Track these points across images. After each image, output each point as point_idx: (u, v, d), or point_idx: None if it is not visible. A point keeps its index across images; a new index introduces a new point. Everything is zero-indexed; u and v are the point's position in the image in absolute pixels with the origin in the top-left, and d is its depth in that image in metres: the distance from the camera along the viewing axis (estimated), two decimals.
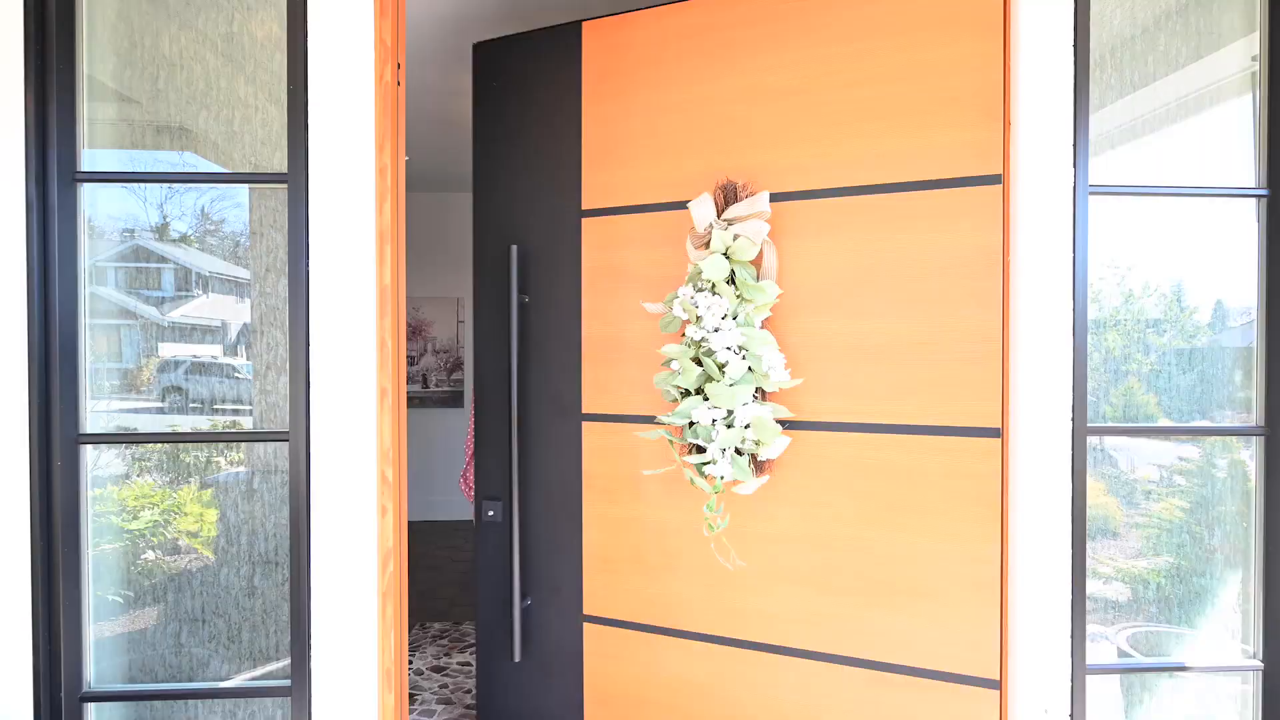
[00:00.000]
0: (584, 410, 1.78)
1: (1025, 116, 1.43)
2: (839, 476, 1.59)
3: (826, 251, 1.61)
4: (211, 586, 1.53)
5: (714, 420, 1.64)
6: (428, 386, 5.39)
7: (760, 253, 1.64)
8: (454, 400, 5.38)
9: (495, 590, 1.88)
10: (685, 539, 1.73)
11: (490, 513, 1.81)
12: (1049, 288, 1.44)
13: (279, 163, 1.48)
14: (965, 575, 1.44)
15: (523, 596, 1.82)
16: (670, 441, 1.65)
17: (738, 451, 1.68)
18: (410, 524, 5.24)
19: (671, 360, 1.65)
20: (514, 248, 1.79)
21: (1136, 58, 1.56)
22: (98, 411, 1.50)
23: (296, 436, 1.45)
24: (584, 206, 1.77)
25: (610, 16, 1.73)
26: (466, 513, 5.37)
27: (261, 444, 1.55)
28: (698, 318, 1.62)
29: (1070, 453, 1.44)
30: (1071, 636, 1.45)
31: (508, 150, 1.88)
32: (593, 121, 1.76)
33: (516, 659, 1.79)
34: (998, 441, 1.41)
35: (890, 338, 1.51)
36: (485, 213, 1.92)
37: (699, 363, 1.63)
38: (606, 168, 1.75)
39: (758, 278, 1.66)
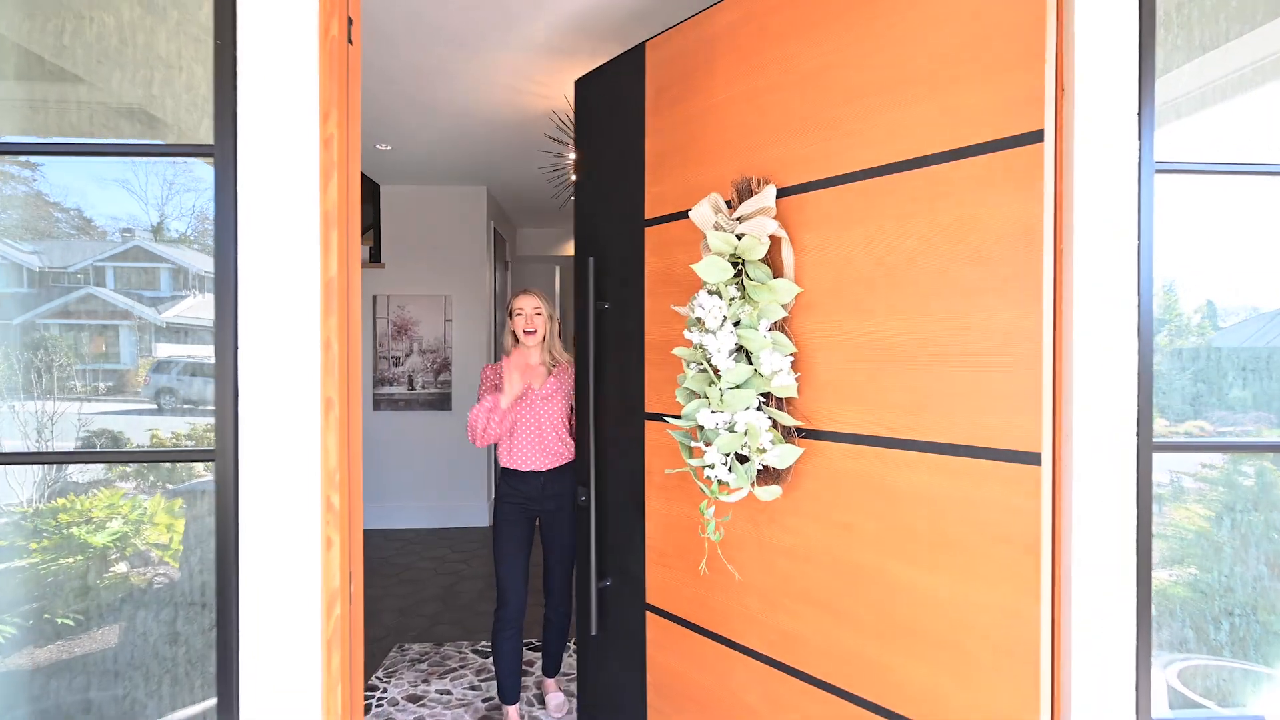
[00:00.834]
0: (646, 409, 1.83)
1: (1081, 71, 1.21)
2: (859, 495, 1.38)
3: (843, 243, 1.40)
4: (127, 631, 1.31)
5: (717, 424, 1.49)
6: (414, 388, 5.16)
7: (776, 250, 1.49)
8: (441, 402, 5.16)
9: (586, 566, 2.01)
10: (733, 539, 1.64)
11: (582, 498, 2.00)
12: (1108, 280, 1.23)
13: (205, 132, 1.25)
14: (994, 631, 1.17)
15: (601, 576, 1.95)
16: (682, 444, 1.58)
17: (740, 458, 1.52)
18: (392, 532, 5.06)
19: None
20: (590, 260, 1.94)
21: (1206, 15, 1.34)
22: None
23: (224, 456, 1.22)
24: (646, 216, 1.83)
25: (667, 30, 1.76)
26: (454, 520, 5.15)
27: (185, 464, 1.33)
28: (698, 320, 1.47)
29: (1135, 474, 1.23)
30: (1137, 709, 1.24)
31: (594, 173, 2.02)
32: (652, 134, 1.80)
33: (593, 632, 1.92)
34: (1035, 471, 1.12)
35: (911, 338, 1.28)
36: (580, 232, 2.09)
37: (703, 366, 1.44)
38: (660, 177, 1.79)
39: (774, 276, 1.48)
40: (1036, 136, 1.12)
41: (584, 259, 1.98)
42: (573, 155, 3.25)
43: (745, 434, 1.50)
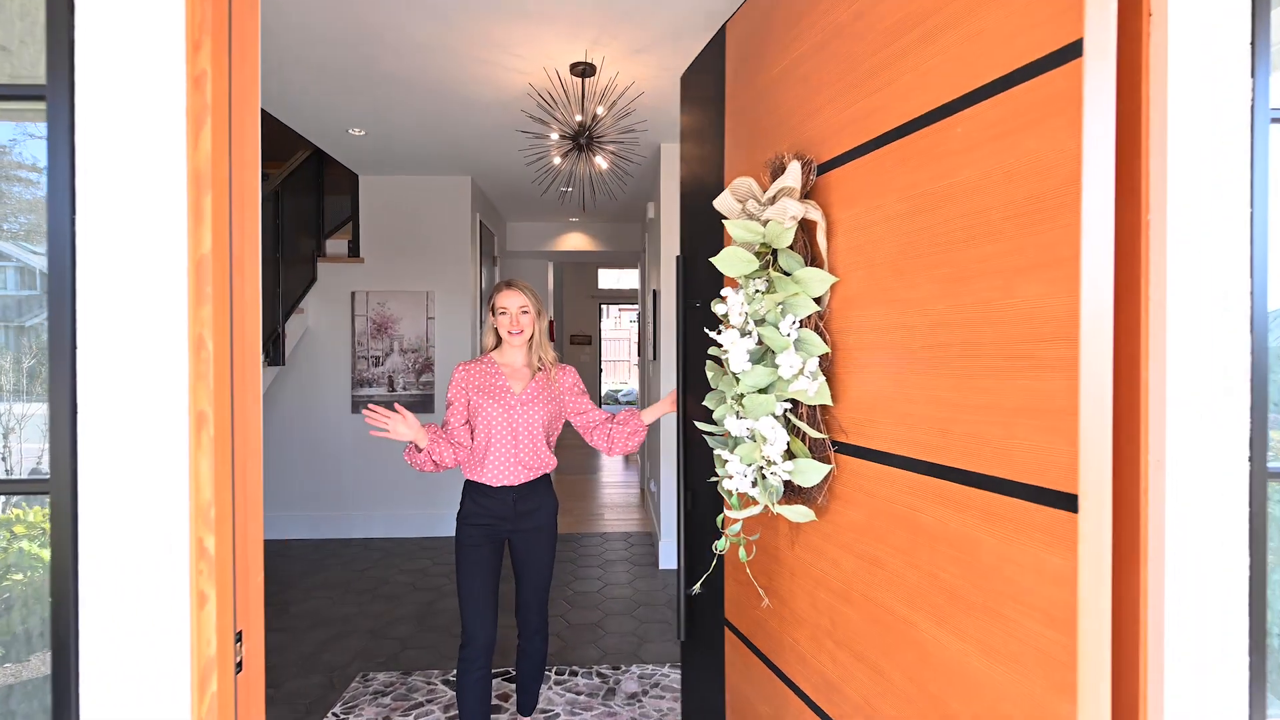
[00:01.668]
0: None
1: None
2: (893, 529, 1.09)
3: (873, 220, 1.12)
4: None
5: (742, 432, 1.30)
6: (394, 389, 4.88)
7: (812, 235, 1.26)
8: (423, 405, 4.88)
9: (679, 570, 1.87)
10: (773, 561, 1.44)
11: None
12: (1209, 258, 0.94)
13: (41, 72, 0.97)
14: None
15: (689, 583, 1.80)
16: (717, 455, 1.38)
17: (762, 474, 1.27)
18: (372, 542, 4.78)
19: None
20: (677, 257, 1.86)
21: None
22: None
23: (58, 487, 0.94)
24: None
25: (742, 6, 1.58)
26: (436, 528, 4.87)
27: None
28: (725, 316, 1.32)
29: (1246, 513, 0.94)
30: None
31: (694, 167, 1.89)
32: (730, 118, 1.63)
33: (681, 639, 1.86)
34: (1071, 519, 0.77)
35: (940, 333, 0.99)
36: (682, 231, 1.97)
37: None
38: (735, 165, 1.60)
39: (809, 263, 1.25)
40: (1071, 52, 0.78)
41: (680, 258, 1.92)
42: (554, 136, 2.96)
43: (761, 442, 1.25)
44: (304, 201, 4.73)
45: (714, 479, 1.44)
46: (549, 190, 4.60)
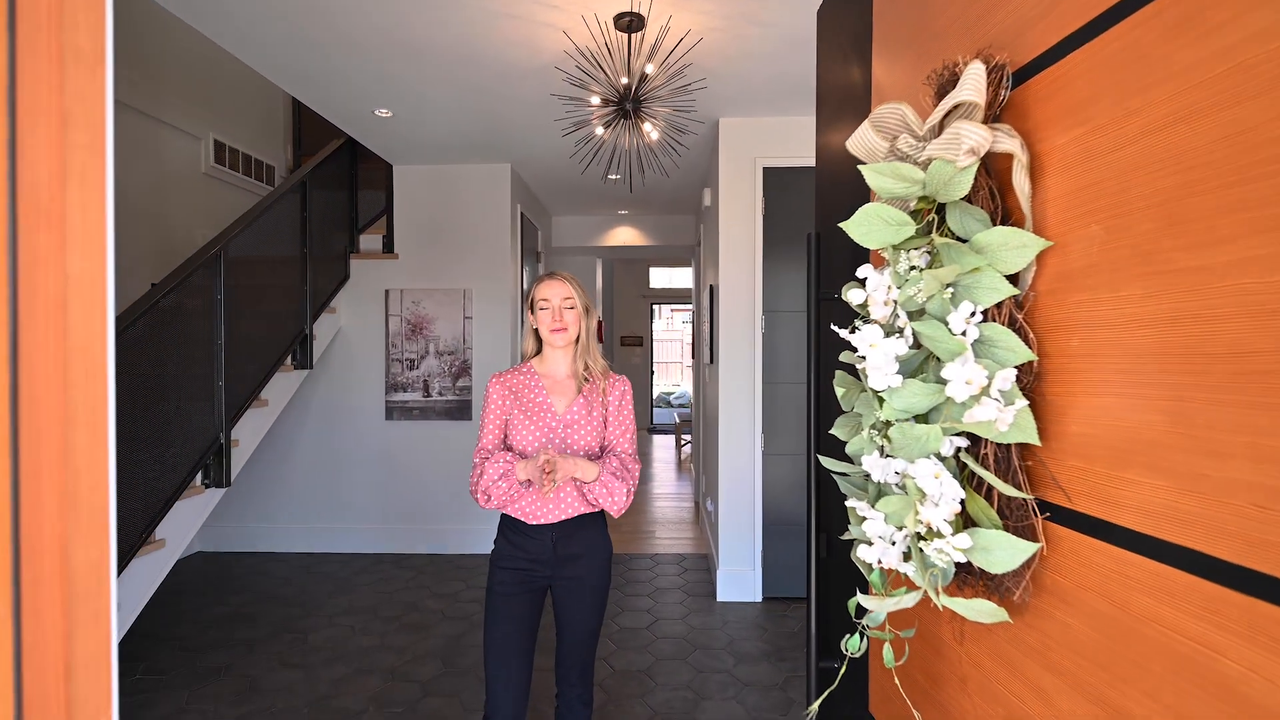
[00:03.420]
0: None
1: None
2: (1158, 667, 0.59)
3: (1122, 140, 0.64)
4: None
5: (887, 476, 0.84)
6: (430, 395, 4.55)
7: (1004, 179, 0.78)
8: (460, 411, 4.53)
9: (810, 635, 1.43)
10: (934, 655, 0.97)
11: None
12: None
13: None
14: None
15: (824, 654, 1.33)
16: (850, 509, 0.90)
17: (922, 538, 0.78)
18: (405, 559, 4.38)
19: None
20: (810, 234, 1.32)
21: None
22: None
23: None
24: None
25: None
26: (474, 545, 4.51)
27: None
28: (863, 307, 0.86)
29: None
30: None
31: (825, 111, 1.49)
32: (878, 18, 1.19)
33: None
34: None
35: (1245, 326, 0.50)
36: (818, 208, 1.58)
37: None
38: (883, 92, 1.19)
39: (998, 222, 0.77)
40: None
41: (813, 236, 1.47)
42: (595, 100, 2.53)
43: (916, 497, 0.78)
44: (336, 195, 4.45)
45: (846, 536, 0.96)
46: (589, 168, 4.15)
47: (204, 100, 4.43)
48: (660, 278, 11.40)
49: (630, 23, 2.40)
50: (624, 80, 2.48)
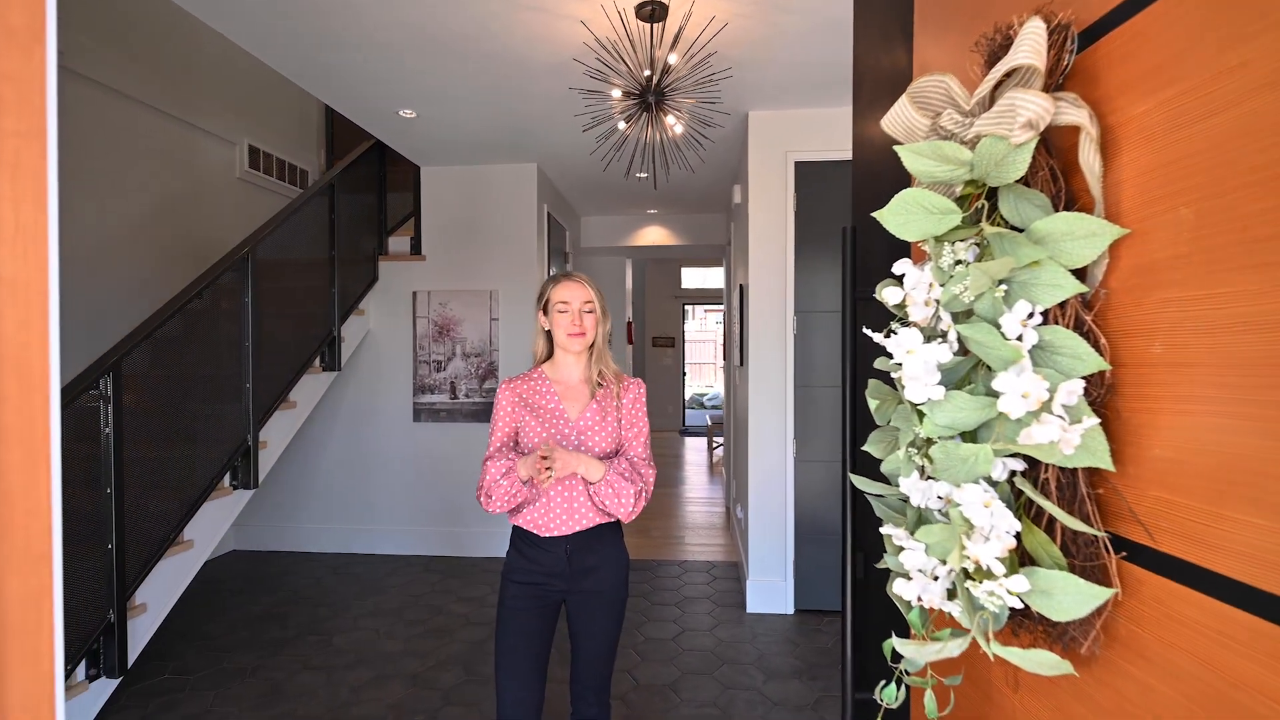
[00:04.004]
0: None
1: None
2: None
3: (1222, 104, 0.52)
4: None
5: (928, 501, 0.73)
6: (456, 397, 4.52)
7: (1068, 157, 0.67)
8: (486, 413, 4.49)
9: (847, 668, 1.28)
10: (983, 700, 0.74)
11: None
12: None
13: None
14: None
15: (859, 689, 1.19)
16: (886, 536, 0.80)
17: (969, 575, 0.68)
18: (430, 561, 4.33)
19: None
20: (846, 228, 1.23)
21: None
22: None
23: None
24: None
25: None
26: (499, 548, 4.47)
27: None
28: (900, 306, 0.75)
29: None
30: None
31: (862, 95, 1.37)
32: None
33: None
34: None
35: None
36: (855, 195, 1.45)
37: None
38: (925, 65, 1.10)
39: (1061, 207, 0.66)
40: None
41: (849, 230, 1.33)
42: (616, 93, 2.44)
43: (962, 528, 0.67)
44: (364, 198, 4.46)
45: (881, 565, 0.86)
46: (612, 165, 4.06)
47: (238, 106, 4.49)
48: (693, 278, 11.28)
49: (652, 12, 2.31)
50: (646, 72, 2.39)
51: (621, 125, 2.60)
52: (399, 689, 2.75)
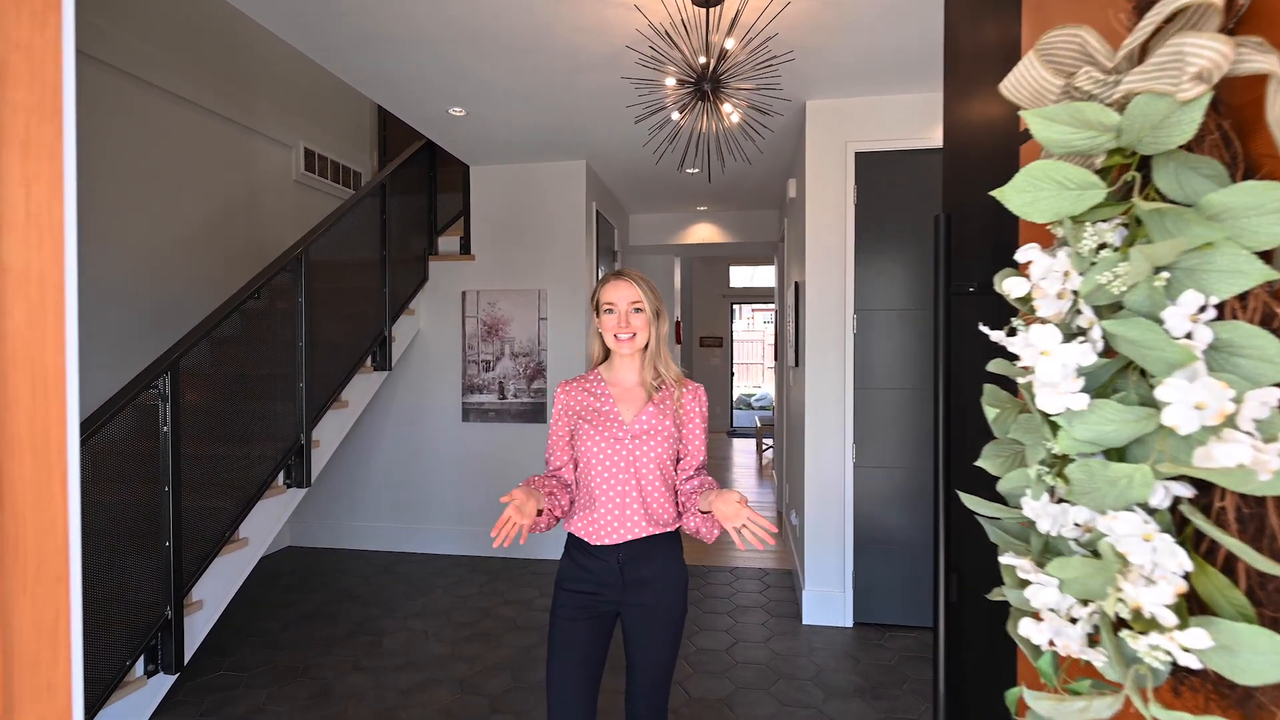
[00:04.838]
0: None
1: None
2: None
3: None
4: None
5: (1059, 527, 0.61)
6: (505, 397, 4.50)
7: (1238, 115, 0.53)
8: (535, 414, 4.46)
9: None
10: None
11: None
12: None
13: None
14: None
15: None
16: (1005, 567, 0.67)
17: (1124, 624, 0.54)
18: (480, 562, 4.28)
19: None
20: (936, 217, 1.12)
21: None
22: None
23: None
24: (1021, 126, 1.01)
25: None
26: (549, 550, 4.43)
27: None
28: (1025, 300, 0.62)
29: None
30: None
31: (956, 69, 1.24)
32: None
33: None
34: None
35: None
36: (946, 178, 1.33)
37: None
38: (1039, 27, 0.95)
39: (1238, 177, 0.51)
40: None
41: (942, 218, 1.20)
42: (670, 81, 2.34)
43: (1115, 565, 0.55)
44: (415, 198, 4.48)
45: (997, 596, 0.73)
46: (664, 159, 3.95)
47: (295, 110, 4.57)
48: (740, 276, 11.09)
49: None
50: (701, 59, 2.28)
51: (675, 115, 2.50)
52: (446, 694, 2.71)
